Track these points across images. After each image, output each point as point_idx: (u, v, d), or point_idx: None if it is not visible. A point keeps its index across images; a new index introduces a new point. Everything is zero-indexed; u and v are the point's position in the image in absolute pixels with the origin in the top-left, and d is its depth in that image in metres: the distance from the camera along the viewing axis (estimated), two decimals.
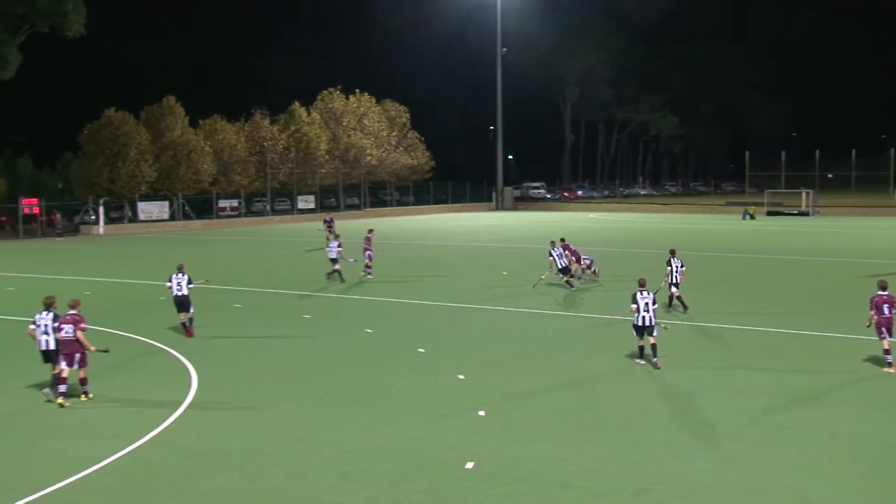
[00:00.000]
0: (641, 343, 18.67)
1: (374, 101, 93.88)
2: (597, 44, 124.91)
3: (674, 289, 24.53)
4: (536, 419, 14.78)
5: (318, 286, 31.49)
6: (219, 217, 76.62)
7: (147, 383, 17.23)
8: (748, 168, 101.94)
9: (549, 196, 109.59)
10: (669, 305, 24.61)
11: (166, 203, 73.99)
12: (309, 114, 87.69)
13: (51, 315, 16.13)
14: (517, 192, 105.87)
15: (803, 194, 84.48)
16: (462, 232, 62.01)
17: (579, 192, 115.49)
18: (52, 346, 15.96)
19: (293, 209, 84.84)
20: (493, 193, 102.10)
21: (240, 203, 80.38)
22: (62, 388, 15.53)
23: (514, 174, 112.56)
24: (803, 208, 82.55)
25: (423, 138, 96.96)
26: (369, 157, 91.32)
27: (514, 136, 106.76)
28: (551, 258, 29.58)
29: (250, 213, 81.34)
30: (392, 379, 17.67)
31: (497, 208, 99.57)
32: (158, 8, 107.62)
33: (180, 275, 21.89)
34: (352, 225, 61.28)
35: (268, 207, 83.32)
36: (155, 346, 20.72)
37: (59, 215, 66.54)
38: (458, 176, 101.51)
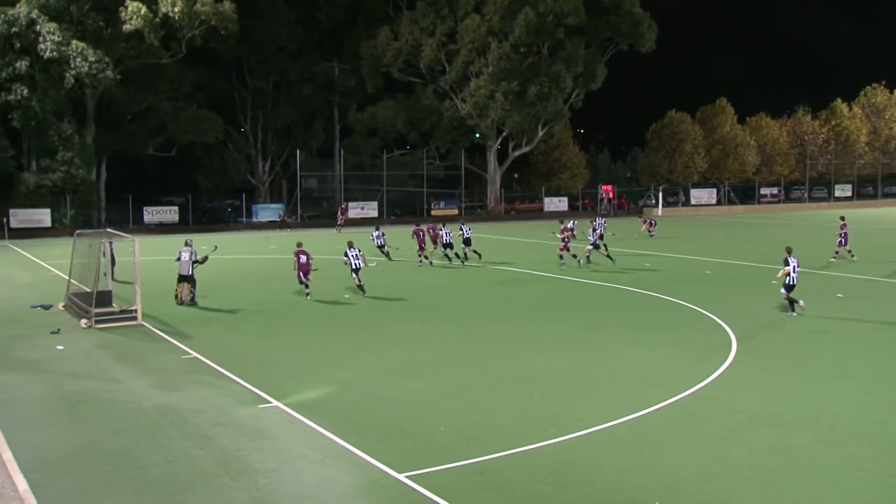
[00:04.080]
0: None
1: None
2: None
3: None
4: None
5: (847, 268, 28.88)
6: (760, 203, 74.65)
7: (693, 344, 17.20)
8: None
9: None
10: None
11: (714, 190, 74.08)
12: (850, 109, 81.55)
13: (355, 251, 23.42)
14: None
15: None
16: None
17: None
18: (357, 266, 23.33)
19: (830, 197, 79.21)
20: None
21: (779, 191, 77.68)
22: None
23: None
24: None
25: None
26: None
27: None
28: None
29: (789, 199, 78.16)
30: None
31: None
32: (716, 21, 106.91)
33: None
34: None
35: (805, 195, 79.17)
36: (700, 312, 20.72)
37: (607, 200, 69.47)
38: None
